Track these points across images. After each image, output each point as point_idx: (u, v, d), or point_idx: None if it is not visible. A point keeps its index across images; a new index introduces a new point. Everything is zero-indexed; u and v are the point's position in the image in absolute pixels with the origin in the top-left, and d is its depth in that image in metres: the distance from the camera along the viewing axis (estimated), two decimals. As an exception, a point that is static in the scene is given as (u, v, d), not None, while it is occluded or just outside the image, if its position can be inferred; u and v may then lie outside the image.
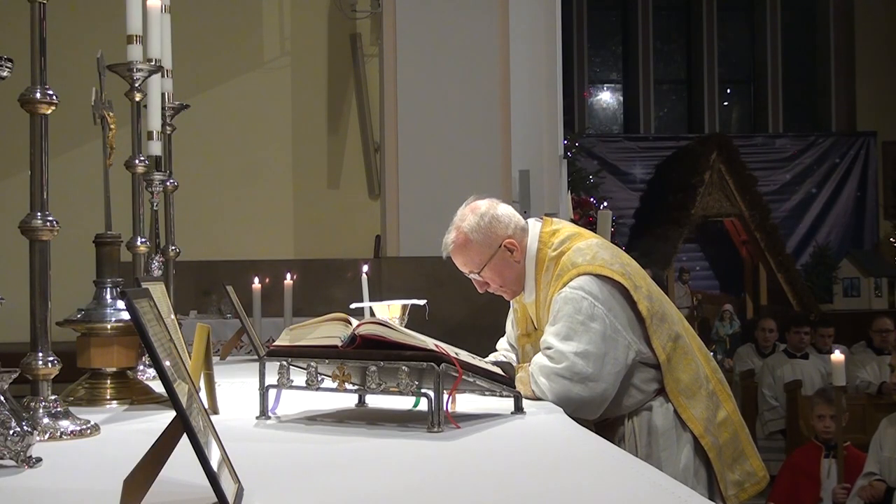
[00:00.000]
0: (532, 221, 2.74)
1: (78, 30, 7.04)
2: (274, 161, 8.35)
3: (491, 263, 2.67)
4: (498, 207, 2.72)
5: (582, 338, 2.46)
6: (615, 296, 2.53)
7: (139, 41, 2.55)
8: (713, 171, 11.55)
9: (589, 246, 2.60)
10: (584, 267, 2.53)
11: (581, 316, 2.47)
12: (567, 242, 2.63)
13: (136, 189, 2.67)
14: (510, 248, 2.66)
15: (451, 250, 2.71)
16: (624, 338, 2.51)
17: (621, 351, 2.50)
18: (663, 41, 14.24)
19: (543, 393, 2.46)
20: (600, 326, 2.48)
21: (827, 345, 7.83)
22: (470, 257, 2.68)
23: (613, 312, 2.51)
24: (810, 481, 5.41)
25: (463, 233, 2.67)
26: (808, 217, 13.26)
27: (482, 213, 2.68)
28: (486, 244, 2.66)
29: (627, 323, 2.53)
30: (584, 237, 2.66)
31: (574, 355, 2.45)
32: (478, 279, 2.72)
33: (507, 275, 2.69)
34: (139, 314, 1.24)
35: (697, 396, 2.58)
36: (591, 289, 2.50)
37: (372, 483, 1.54)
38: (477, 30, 6.33)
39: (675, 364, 2.58)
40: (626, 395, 2.58)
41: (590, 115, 14.11)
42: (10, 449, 1.53)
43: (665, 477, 1.59)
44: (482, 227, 2.66)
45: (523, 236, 2.70)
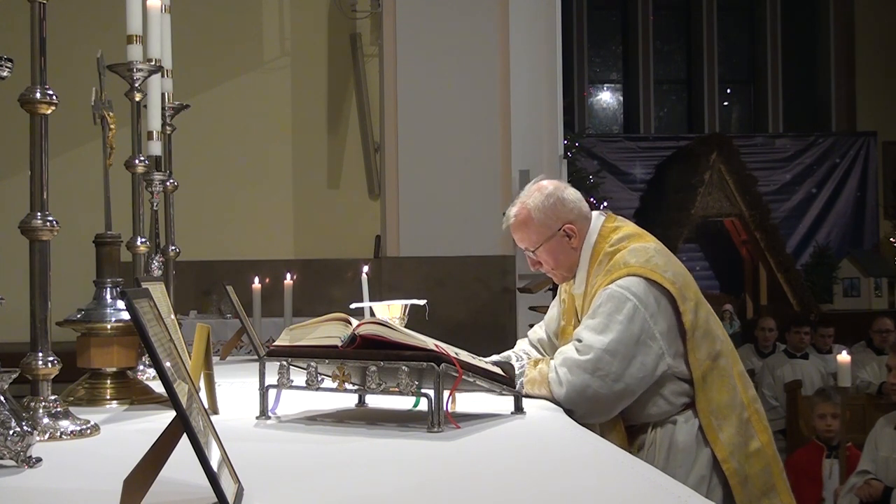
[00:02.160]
0: (596, 214, 2.74)
1: (78, 30, 7.05)
2: (274, 161, 8.36)
3: (547, 244, 2.67)
4: (566, 191, 2.72)
5: (615, 335, 2.44)
6: (660, 302, 2.50)
7: (139, 41, 2.54)
8: (713, 171, 11.54)
9: (645, 249, 2.58)
10: (635, 268, 2.52)
11: (621, 315, 2.45)
12: (625, 241, 2.61)
13: (136, 189, 2.67)
14: (569, 233, 2.66)
15: (511, 223, 2.73)
16: (658, 347, 2.48)
17: (651, 359, 2.47)
18: (663, 41, 14.23)
19: (559, 383, 2.43)
20: (637, 329, 2.45)
21: (827, 345, 7.84)
22: (528, 234, 2.69)
23: (654, 318, 2.48)
24: (812, 482, 5.41)
25: (526, 209, 2.68)
26: (808, 217, 13.25)
27: (549, 193, 2.69)
28: (547, 224, 2.66)
29: (667, 332, 2.50)
30: (644, 239, 2.64)
31: (602, 350, 2.43)
32: (532, 257, 2.73)
33: (561, 258, 2.69)
34: (139, 314, 1.24)
35: (729, 420, 2.53)
36: (637, 290, 2.48)
37: (372, 483, 1.54)
38: (477, 30, 6.34)
39: (710, 383, 2.53)
40: (652, 403, 2.55)
41: (590, 115, 14.10)
42: (10, 449, 1.53)
43: (665, 477, 1.59)
44: (545, 207, 2.66)
45: (584, 225, 2.69)
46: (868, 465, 4.82)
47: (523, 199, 2.72)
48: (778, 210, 12.71)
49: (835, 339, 7.96)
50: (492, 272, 6.34)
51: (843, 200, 13.34)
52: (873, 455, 4.84)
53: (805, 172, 13.33)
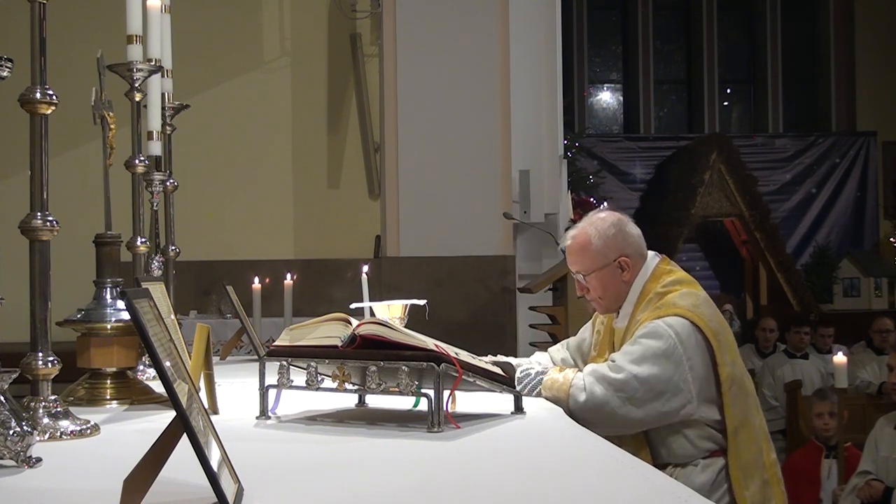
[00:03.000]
0: (652, 254, 2.77)
1: (78, 30, 7.04)
2: (274, 161, 8.35)
3: (600, 272, 2.70)
4: (628, 225, 2.76)
5: (649, 368, 2.47)
6: (700, 349, 2.53)
7: (139, 41, 2.55)
8: (713, 171, 11.53)
9: (696, 295, 2.62)
10: (683, 310, 2.55)
11: (659, 350, 2.49)
12: (677, 285, 2.65)
13: (136, 189, 2.67)
14: (623, 265, 2.69)
15: (568, 245, 2.76)
16: (689, 392, 2.51)
17: (677, 402, 2.50)
18: (663, 41, 14.22)
19: (582, 389, 2.46)
20: (672, 368, 2.48)
21: (827, 345, 7.84)
22: (583, 259, 2.72)
23: (691, 362, 2.51)
24: (810, 482, 5.41)
25: (587, 234, 2.72)
26: (808, 217, 13.24)
27: (612, 223, 2.73)
28: (604, 253, 2.70)
29: (702, 378, 2.53)
30: (695, 287, 2.68)
31: (633, 376, 2.46)
32: (581, 282, 2.75)
33: (610, 289, 2.72)
34: (139, 314, 1.24)
35: (753, 478, 2.56)
36: (680, 330, 2.51)
37: (372, 483, 1.54)
38: (477, 30, 6.34)
39: (741, 439, 2.56)
40: (678, 445, 2.58)
41: (590, 115, 14.10)
42: (10, 449, 1.53)
43: (665, 477, 1.59)
44: (606, 236, 2.70)
45: (639, 262, 2.73)
46: (869, 466, 4.82)
47: (585, 223, 2.76)
48: (778, 210, 12.70)
49: (835, 339, 7.96)
50: (492, 272, 6.34)
51: (843, 200, 13.33)
52: (874, 455, 4.84)
53: (805, 172, 13.32)
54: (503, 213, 6.19)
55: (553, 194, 6.54)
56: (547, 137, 6.53)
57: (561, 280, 5.38)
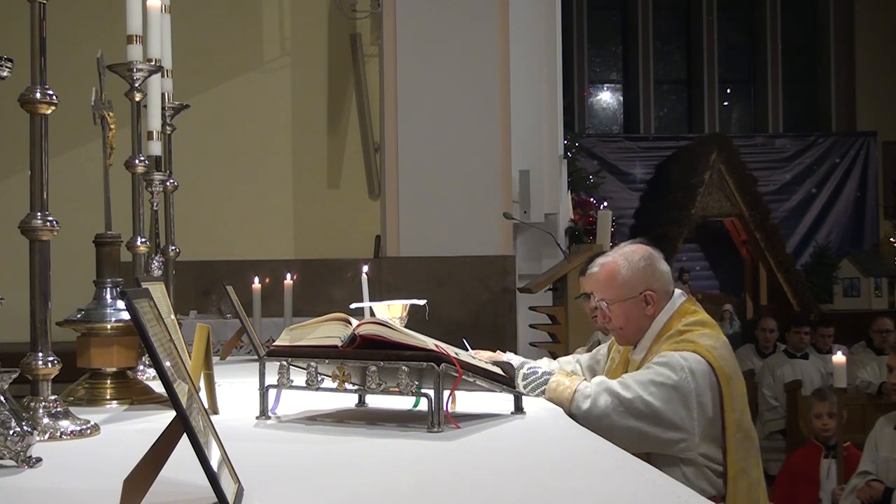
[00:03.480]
0: (678, 293, 2.78)
1: (78, 30, 7.04)
2: (274, 161, 8.35)
3: (624, 303, 2.71)
4: (660, 262, 2.78)
5: (658, 395, 2.48)
6: (712, 389, 2.53)
7: (139, 41, 2.54)
8: (713, 171, 11.54)
9: (716, 338, 2.63)
10: (701, 348, 2.56)
11: (671, 382, 2.49)
12: (699, 326, 2.66)
13: (136, 189, 2.66)
14: (648, 300, 2.71)
15: (596, 271, 2.78)
16: (691, 430, 2.51)
17: (676, 436, 2.50)
18: (663, 41, 14.23)
19: (587, 396, 2.47)
20: (679, 402, 2.49)
21: (827, 345, 7.83)
22: (610, 287, 2.73)
23: (700, 399, 2.51)
24: (809, 482, 5.40)
25: (617, 263, 2.73)
26: (808, 217, 13.25)
27: (644, 256, 2.75)
28: (631, 284, 2.71)
29: (708, 419, 2.53)
30: (717, 331, 2.69)
31: (640, 398, 2.47)
32: (603, 310, 2.75)
33: (631, 321, 2.73)
34: (139, 314, 1.24)
35: None
36: (695, 367, 2.52)
37: (372, 483, 1.54)
38: (477, 30, 6.34)
39: (739, 487, 2.56)
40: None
41: (590, 115, 14.10)
42: (10, 449, 1.53)
43: (665, 477, 1.59)
44: (636, 268, 2.72)
45: (664, 299, 2.74)
46: (869, 466, 4.81)
47: (616, 253, 2.78)
48: (778, 210, 12.71)
49: (835, 339, 7.96)
50: (492, 272, 6.34)
51: (843, 200, 13.34)
52: (873, 456, 4.83)
53: (805, 172, 13.33)
54: (503, 213, 6.19)
55: (553, 194, 6.55)
56: (547, 137, 6.54)
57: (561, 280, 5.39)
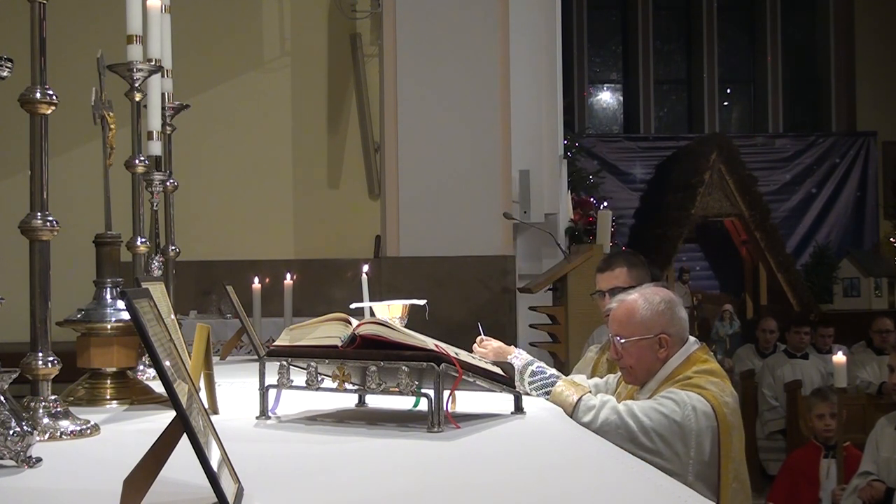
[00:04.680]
0: (693, 340, 2.80)
1: (78, 30, 7.04)
2: (274, 161, 8.35)
3: (638, 343, 2.72)
4: (679, 308, 2.80)
5: (660, 426, 2.49)
6: (712, 433, 2.55)
7: (139, 41, 2.54)
8: (713, 171, 11.53)
9: (724, 388, 2.65)
10: (709, 394, 2.58)
11: (673, 416, 2.51)
12: (709, 375, 2.67)
13: (136, 189, 2.66)
14: (663, 343, 2.72)
15: (614, 307, 2.80)
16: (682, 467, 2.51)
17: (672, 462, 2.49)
18: (663, 41, 14.22)
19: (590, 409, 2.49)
20: (678, 440, 2.50)
21: (827, 345, 7.83)
22: (627, 324, 2.75)
23: (699, 439, 2.53)
24: (809, 482, 5.40)
25: (637, 302, 2.76)
26: (808, 217, 13.24)
27: (664, 300, 2.77)
28: (647, 325, 2.73)
29: (705, 464, 2.54)
30: (726, 383, 2.70)
31: (642, 424, 2.48)
32: (617, 346, 2.77)
33: (643, 361, 2.74)
34: (139, 314, 1.24)
35: None
36: (700, 409, 2.54)
37: (372, 483, 1.54)
38: (477, 30, 6.34)
39: None
40: None
41: (590, 115, 14.10)
42: (10, 449, 1.53)
43: (665, 477, 1.59)
44: (656, 311, 2.74)
45: (678, 344, 2.75)
46: (870, 467, 4.81)
47: (638, 292, 2.80)
48: (778, 210, 12.70)
49: (835, 339, 7.96)
50: (492, 272, 6.33)
51: (843, 200, 13.33)
52: (874, 456, 4.83)
53: (805, 172, 13.32)
54: (503, 213, 6.19)
55: (553, 194, 6.55)
56: (547, 137, 6.53)
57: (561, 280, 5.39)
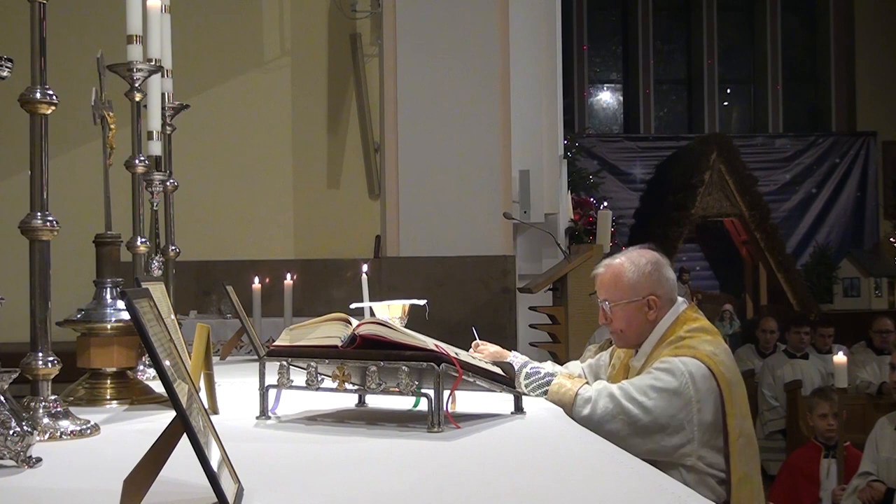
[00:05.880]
0: (681, 300, 2.79)
1: (78, 30, 7.04)
2: (274, 161, 8.35)
3: (627, 306, 2.72)
4: (666, 268, 2.79)
5: (658, 401, 2.48)
6: (712, 395, 2.53)
7: (139, 41, 2.54)
8: (713, 171, 11.54)
9: (717, 344, 2.64)
10: (702, 354, 2.56)
11: (670, 387, 2.50)
12: (700, 333, 2.66)
13: (136, 189, 2.66)
14: (651, 304, 2.71)
15: (601, 272, 2.79)
16: (691, 433, 2.51)
17: (677, 439, 2.50)
18: (663, 41, 14.23)
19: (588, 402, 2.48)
20: (678, 406, 2.49)
21: (827, 345, 7.83)
22: (614, 288, 2.75)
23: (700, 405, 2.52)
24: (809, 482, 5.40)
25: (623, 266, 2.75)
26: (808, 217, 13.25)
27: (650, 261, 2.76)
28: (635, 287, 2.72)
29: (709, 424, 2.53)
30: (718, 339, 2.69)
31: (641, 405, 2.47)
32: (605, 310, 2.77)
33: (633, 324, 2.74)
34: (139, 314, 1.24)
35: None
36: (695, 372, 2.52)
37: (372, 483, 1.54)
38: (477, 30, 6.33)
39: (744, 494, 2.55)
40: None
41: (590, 115, 14.10)
42: (10, 449, 1.53)
43: (665, 477, 1.59)
44: (643, 272, 2.73)
45: (667, 305, 2.74)
46: (869, 467, 4.81)
47: (624, 256, 2.79)
48: (778, 210, 12.71)
49: (835, 339, 7.96)
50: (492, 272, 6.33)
51: (843, 200, 13.34)
52: (874, 456, 4.83)
53: (805, 172, 13.33)
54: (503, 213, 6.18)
55: (553, 194, 6.54)
56: (547, 137, 6.53)
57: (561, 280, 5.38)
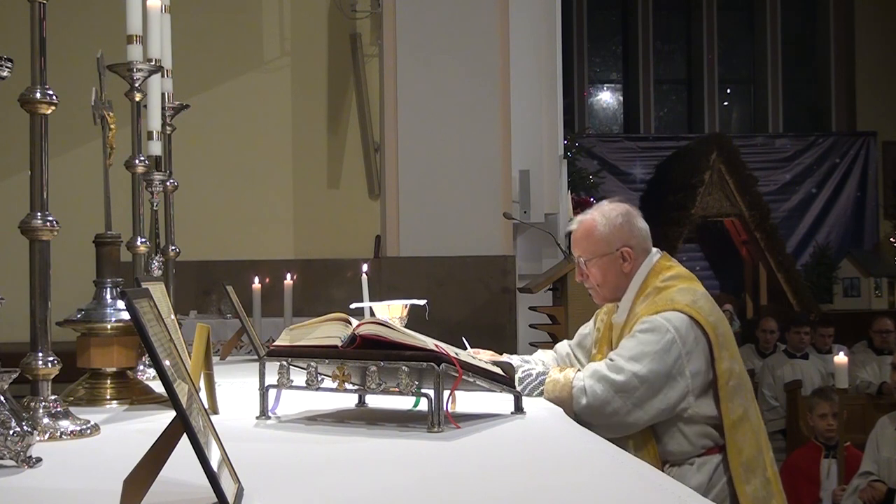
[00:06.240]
0: (655, 251, 2.79)
1: (78, 30, 7.04)
2: (274, 161, 8.35)
3: (601, 260, 2.72)
4: (637, 219, 2.79)
5: (648, 364, 2.48)
6: (699, 343, 2.54)
7: (139, 41, 2.54)
8: (713, 171, 11.53)
9: (694, 291, 2.63)
10: (681, 305, 2.56)
11: (658, 346, 2.50)
12: (676, 281, 2.66)
13: (136, 189, 2.66)
14: (626, 256, 2.72)
15: (574, 228, 2.80)
16: (686, 384, 2.51)
17: (676, 394, 2.51)
18: (663, 41, 14.23)
19: (584, 392, 2.47)
20: (670, 362, 2.50)
21: (827, 345, 7.84)
22: (587, 244, 2.75)
23: (689, 356, 2.52)
24: (810, 482, 5.40)
25: (594, 220, 2.75)
26: (808, 217, 13.24)
27: (621, 213, 2.76)
28: (607, 240, 2.72)
29: (699, 373, 2.53)
30: (694, 283, 2.69)
31: (633, 374, 2.47)
32: (582, 267, 2.77)
33: (609, 278, 2.74)
34: (139, 314, 1.24)
35: (755, 474, 2.55)
36: (678, 325, 2.53)
37: (372, 483, 1.54)
38: (477, 30, 6.33)
39: (741, 434, 2.55)
40: (675, 441, 2.58)
41: (590, 115, 14.10)
42: (10, 449, 1.52)
43: (665, 477, 1.59)
44: (614, 225, 2.73)
45: (642, 256, 2.74)
46: (870, 466, 4.81)
47: (595, 210, 2.79)
48: (778, 210, 12.71)
49: (835, 339, 7.96)
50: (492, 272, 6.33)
51: (843, 200, 13.33)
52: (875, 456, 4.83)
53: (805, 172, 13.32)
54: (503, 213, 6.18)
55: (553, 194, 6.54)
56: (547, 137, 6.53)
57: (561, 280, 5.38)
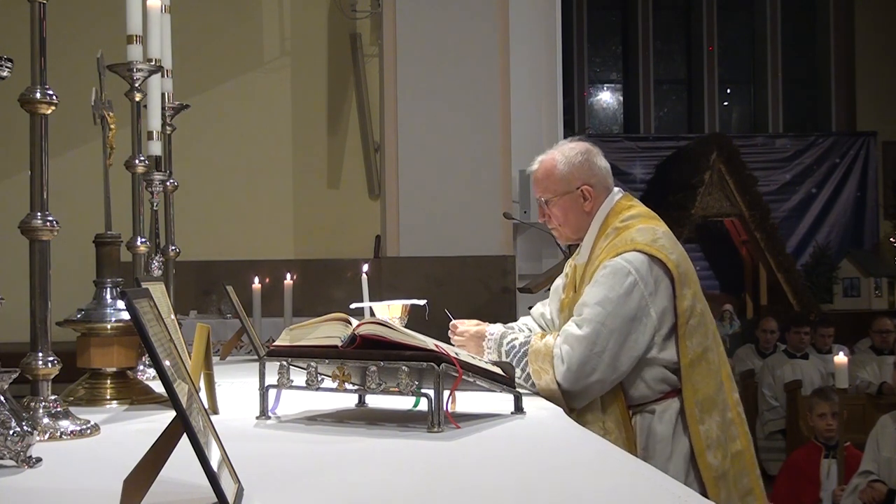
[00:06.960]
0: (617, 190, 2.78)
1: (78, 30, 7.04)
2: (274, 161, 8.35)
3: (562, 200, 2.72)
4: (598, 157, 2.77)
5: (612, 308, 2.48)
6: (660, 282, 2.53)
7: (139, 41, 2.54)
8: (713, 171, 11.53)
9: (654, 230, 2.61)
10: (641, 245, 2.55)
11: (620, 288, 2.50)
12: (636, 220, 2.65)
13: (136, 189, 2.66)
14: (586, 195, 2.71)
15: (534, 168, 2.79)
16: (653, 324, 2.51)
17: (645, 337, 2.51)
18: (663, 41, 14.22)
19: (562, 360, 2.47)
20: (634, 305, 2.49)
21: (827, 345, 7.84)
22: (548, 183, 2.74)
23: (652, 297, 2.52)
24: (810, 482, 5.40)
25: (554, 159, 2.74)
26: (808, 217, 13.24)
27: (581, 152, 2.75)
28: (568, 179, 2.71)
29: (662, 313, 2.53)
30: (654, 222, 2.67)
31: (600, 324, 2.47)
32: (543, 206, 2.77)
33: (570, 217, 2.73)
34: (139, 314, 1.24)
35: (712, 414, 2.53)
36: (639, 266, 2.52)
37: (372, 483, 1.54)
38: (477, 30, 6.33)
39: (698, 372, 2.54)
40: (633, 387, 2.57)
41: (590, 115, 14.10)
42: (10, 449, 1.52)
43: (665, 476, 1.59)
44: (573, 163, 2.72)
45: (602, 195, 2.73)
46: (870, 466, 4.80)
47: (555, 149, 2.78)
48: (778, 210, 12.70)
49: (835, 339, 7.96)
50: (492, 272, 6.33)
51: (843, 200, 13.33)
52: (875, 455, 4.83)
53: (805, 172, 13.32)
54: (503, 213, 6.19)
55: (553, 194, 6.54)
56: (547, 137, 6.53)
57: (561, 280, 5.38)
